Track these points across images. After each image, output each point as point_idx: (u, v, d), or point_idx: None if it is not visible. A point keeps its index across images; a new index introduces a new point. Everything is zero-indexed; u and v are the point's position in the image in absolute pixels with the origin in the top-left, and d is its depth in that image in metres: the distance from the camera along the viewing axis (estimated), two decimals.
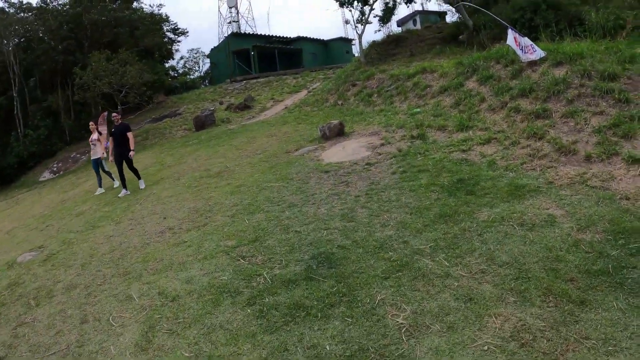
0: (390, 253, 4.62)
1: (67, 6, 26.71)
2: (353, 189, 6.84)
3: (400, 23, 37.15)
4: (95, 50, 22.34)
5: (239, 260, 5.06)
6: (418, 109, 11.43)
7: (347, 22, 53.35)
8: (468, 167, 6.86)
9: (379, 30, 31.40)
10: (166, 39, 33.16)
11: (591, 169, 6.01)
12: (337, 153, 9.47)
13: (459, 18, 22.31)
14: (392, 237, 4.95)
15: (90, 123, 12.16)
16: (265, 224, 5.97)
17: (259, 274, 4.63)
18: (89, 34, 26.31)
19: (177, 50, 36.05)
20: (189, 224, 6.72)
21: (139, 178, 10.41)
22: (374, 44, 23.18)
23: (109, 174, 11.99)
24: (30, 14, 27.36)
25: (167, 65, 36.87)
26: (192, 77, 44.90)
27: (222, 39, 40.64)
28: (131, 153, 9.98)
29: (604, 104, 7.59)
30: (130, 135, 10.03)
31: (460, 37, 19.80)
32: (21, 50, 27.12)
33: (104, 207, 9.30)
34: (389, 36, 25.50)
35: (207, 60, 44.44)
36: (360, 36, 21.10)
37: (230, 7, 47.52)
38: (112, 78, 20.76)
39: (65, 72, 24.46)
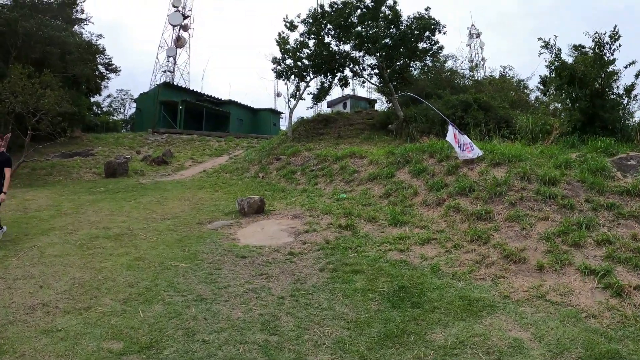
0: None
1: (6, 9, 24.62)
2: (275, 286, 6.23)
3: (330, 104, 38.60)
4: (20, 64, 20.43)
5: None
6: (344, 195, 11.38)
7: (278, 94, 54.46)
8: (409, 272, 6.50)
9: (311, 108, 32.37)
10: (97, 72, 31.59)
11: (546, 281, 5.90)
12: (256, 234, 8.96)
13: (390, 108, 23.42)
14: None
15: None
16: (165, 322, 5.14)
17: None
18: (19, 44, 24.18)
19: (105, 87, 34.39)
20: (69, 302, 5.73)
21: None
22: (303, 121, 23.64)
23: None
24: None
25: (92, 99, 34.92)
26: (115, 118, 42.95)
27: (152, 86, 39.67)
28: (1, 196, 8.10)
29: (547, 209, 7.73)
30: (7, 172, 8.14)
31: (390, 126, 20.64)
32: None
33: None
34: (319, 115, 26.23)
35: (134, 105, 42.86)
36: (291, 110, 21.51)
37: (169, 57, 46.95)
38: (28, 98, 18.90)
39: None
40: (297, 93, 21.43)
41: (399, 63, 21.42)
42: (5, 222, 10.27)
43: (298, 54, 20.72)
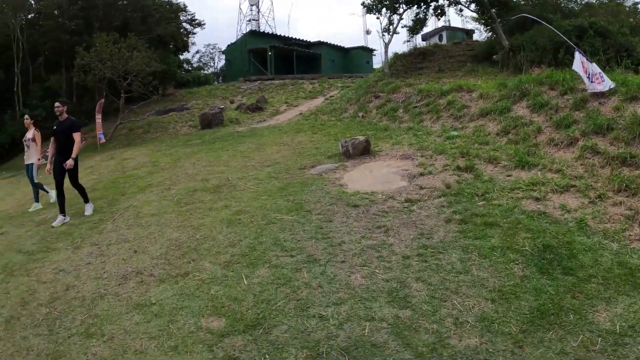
0: None
1: None
2: (397, 242, 4.97)
3: (425, 37, 35.54)
4: (104, 33, 20.66)
5: None
6: (455, 132, 9.88)
7: (368, 32, 51.29)
8: (552, 227, 4.98)
9: (408, 41, 29.93)
10: (182, 30, 31.49)
11: None
12: (364, 178, 7.67)
13: (491, 37, 20.76)
14: (478, 353, 3.09)
15: (25, 117, 9.66)
16: (273, 290, 4.11)
17: None
18: (100, 15, 24.64)
19: (193, 44, 34.49)
20: (165, 268, 4.87)
21: (86, 200, 7.59)
22: (399, 56, 21.75)
23: (38, 186, 9.06)
24: None
25: (181, 57, 35.29)
26: (205, 72, 43.27)
27: (239, 37, 38.98)
28: (69, 161, 7.01)
29: None
30: (77, 137, 7.16)
31: (494, 57, 18.24)
32: (29, 26, 25.51)
33: (72, 216, 7.47)
34: (415, 49, 24.06)
35: (223, 57, 42.76)
36: (386, 45, 19.58)
37: (252, 5, 45.78)
38: (116, 62, 18.95)
39: (70, 53, 22.64)
40: (391, 27, 19.34)
41: None
42: (104, 183, 9.94)
43: None
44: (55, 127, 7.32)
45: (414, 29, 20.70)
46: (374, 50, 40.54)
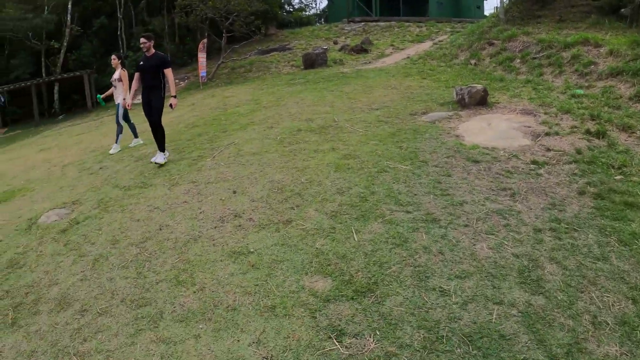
0: None
1: None
2: (525, 209, 4.07)
3: None
4: None
5: (331, 345, 2.59)
6: (580, 90, 8.61)
7: None
8: None
9: None
10: None
11: None
12: (483, 131, 6.66)
13: None
14: None
15: (112, 56, 8.73)
16: (387, 251, 3.35)
17: None
18: None
19: None
20: (266, 213, 4.21)
21: (162, 148, 6.58)
22: (516, 1, 19.38)
23: (119, 124, 8.44)
24: None
25: None
26: (307, 13, 42.33)
27: None
28: (172, 101, 6.39)
29: None
30: (169, 73, 6.41)
31: (623, 10, 15.42)
32: None
33: (171, 152, 7.10)
34: None
35: None
36: None
37: None
38: (217, 2, 18.62)
39: None
40: None
41: None
42: (205, 120, 9.59)
43: None
44: (141, 63, 6.49)
45: None
46: None
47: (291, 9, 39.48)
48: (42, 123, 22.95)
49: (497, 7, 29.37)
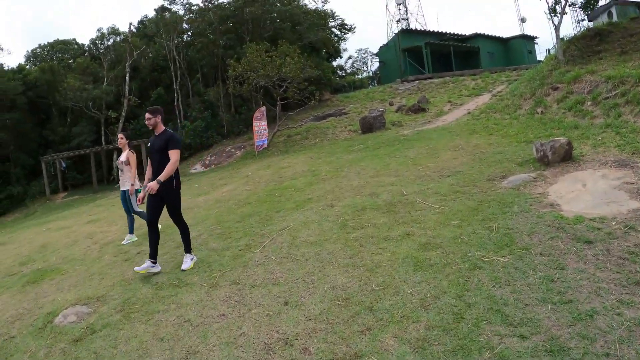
0: None
1: (229, 1, 25.98)
2: None
3: (590, 18, 30.24)
4: (254, 43, 20.69)
5: None
6: None
7: (523, 20, 45.54)
8: None
9: (583, 20, 26.06)
10: (332, 36, 30.91)
11: None
12: (579, 195, 5.49)
13: None
14: None
15: (119, 135, 7.16)
16: None
17: None
18: (250, 28, 25.11)
19: (344, 49, 34.05)
20: (326, 340, 3.12)
21: (188, 249, 5.32)
22: (572, 40, 18.26)
23: (138, 215, 7.18)
24: (194, 15, 27.30)
25: (334, 64, 34.92)
26: (359, 77, 42.52)
27: (390, 37, 37.36)
28: (152, 184, 4.86)
29: None
30: (173, 155, 5.05)
31: None
32: (185, 46, 27.04)
33: (216, 239, 6.14)
34: (588, 30, 20.26)
35: (376, 60, 41.55)
36: (557, 28, 16.51)
37: (399, 4, 43.88)
38: (269, 70, 18.50)
39: (224, 66, 23.47)
40: (558, 5, 16.19)
41: None
42: (257, 195, 8.73)
43: None
44: (149, 144, 5.41)
45: (587, 5, 17.76)
46: (535, 37, 35.65)
47: (343, 74, 39.74)
48: (99, 189, 23.43)
49: (549, 50, 28.13)
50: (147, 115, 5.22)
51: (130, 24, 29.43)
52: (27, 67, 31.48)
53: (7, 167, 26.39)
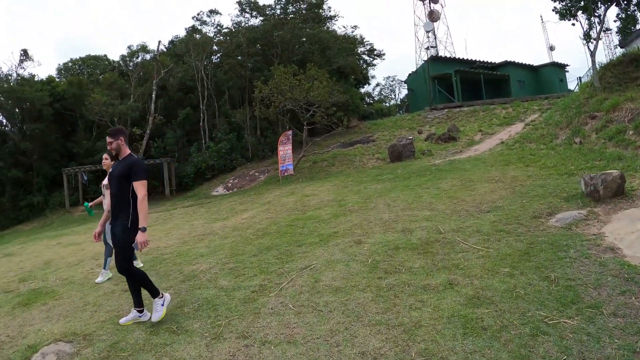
0: None
1: (258, 24, 25.90)
2: None
3: (623, 44, 29.33)
4: (282, 65, 20.35)
5: None
6: None
7: (551, 48, 44.53)
8: None
9: (619, 46, 25.58)
10: (361, 62, 30.54)
11: None
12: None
13: None
14: None
15: (104, 156, 5.85)
16: None
17: None
18: (279, 51, 24.89)
19: (373, 77, 33.67)
20: None
21: (154, 293, 4.20)
22: (608, 66, 17.59)
23: (106, 251, 6.22)
24: (223, 37, 27.42)
25: (362, 90, 34.52)
26: (387, 104, 42.09)
27: (419, 65, 36.83)
28: (139, 237, 3.84)
29: None
30: (139, 188, 3.98)
31: None
32: (213, 67, 26.96)
33: (227, 275, 5.46)
34: (624, 55, 19.53)
35: (404, 88, 41.17)
36: (592, 54, 15.95)
37: (428, 32, 43.49)
38: (296, 94, 18.04)
39: (252, 88, 23.22)
40: (593, 30, 15.87)
41: None
42: (278, 226, 8.05)
43: None
44: (111, 170, 4.31)
45: (624, 29, 17.12)
46: (566, 65, 34.65)
47: (371, 101, 39.39)
48: None
49: (579, 78, 27.22)
50: (107, 138, 4.23)
51: (160, 42, 29.59)
52: (57, 79, 31.84)
53: (30, 176, 26.43)
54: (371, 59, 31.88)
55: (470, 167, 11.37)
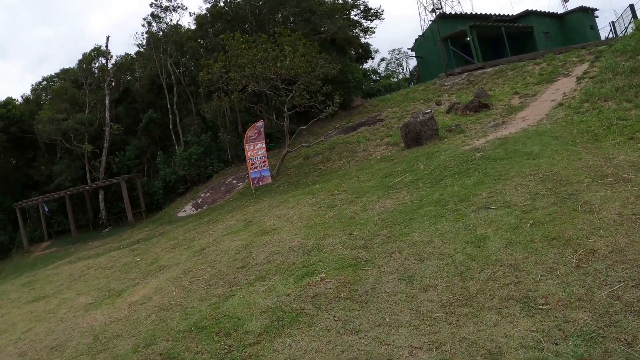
0: None
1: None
2: None
3: None
4: (236, 32, 15.30)
5: None
6: None
7: None
8: None
9: None
10: (357, 30, 25.70)
11: None
12: None
13: None
14: None
15: None
16: None
17: None
18: (253, 26, 20.05)
19: (376, 51, 29.03)
20: None
21: None
22: None
23: None
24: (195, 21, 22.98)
25: (365, 66, 30.28)
26: (396, 79, 37.32)
27: (426, 27, 31.99)
28: None
29: None
30: None
31: None
32: (178, 55, 22.44)
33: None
34: None
35: (411, 58, 36.43)
36: None
37: None
38: (258, 68, 13.22)
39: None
40: None
41: None
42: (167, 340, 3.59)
43: None
44: None
45: None
46: (595, 10, 29.99)
47: (377, 78, 34.79)
48: (80, 238, 19.11)
49: (612, 23, 22.09)
50: None
51: (108, 37, 24.33)
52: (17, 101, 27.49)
53: None
54: (368, 22, 27.05)
55: (539, 149, 6.80)
